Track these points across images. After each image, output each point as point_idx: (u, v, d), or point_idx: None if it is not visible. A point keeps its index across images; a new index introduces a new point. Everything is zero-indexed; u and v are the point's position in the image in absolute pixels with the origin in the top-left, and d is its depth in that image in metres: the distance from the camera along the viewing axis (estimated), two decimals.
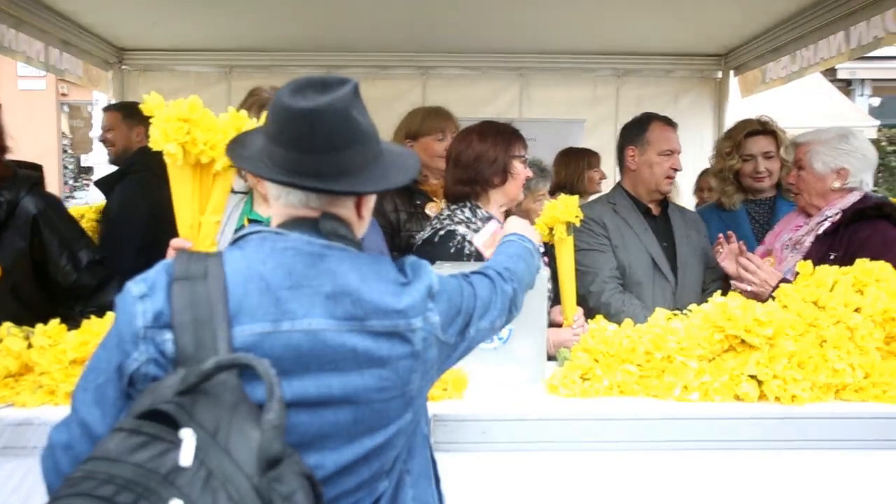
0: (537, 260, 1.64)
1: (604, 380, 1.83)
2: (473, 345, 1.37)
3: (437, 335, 1.23)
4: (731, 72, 5.12)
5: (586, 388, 1.83)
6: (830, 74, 12.14)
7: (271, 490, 0.94)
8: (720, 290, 2.11)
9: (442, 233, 2.26)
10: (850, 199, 2.45)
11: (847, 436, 1.73)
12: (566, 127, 5.02)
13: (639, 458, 1.73)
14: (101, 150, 3.84)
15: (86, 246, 2.38)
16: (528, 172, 2.36)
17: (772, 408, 1.76)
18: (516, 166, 2.32)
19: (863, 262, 1.93)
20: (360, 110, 1.19)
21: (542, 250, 2.44)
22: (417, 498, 1.31)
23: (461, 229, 2.25)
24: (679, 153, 2.75)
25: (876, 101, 14.97)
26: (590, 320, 2.04)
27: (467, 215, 2.30)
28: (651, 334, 1.85)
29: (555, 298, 2.31)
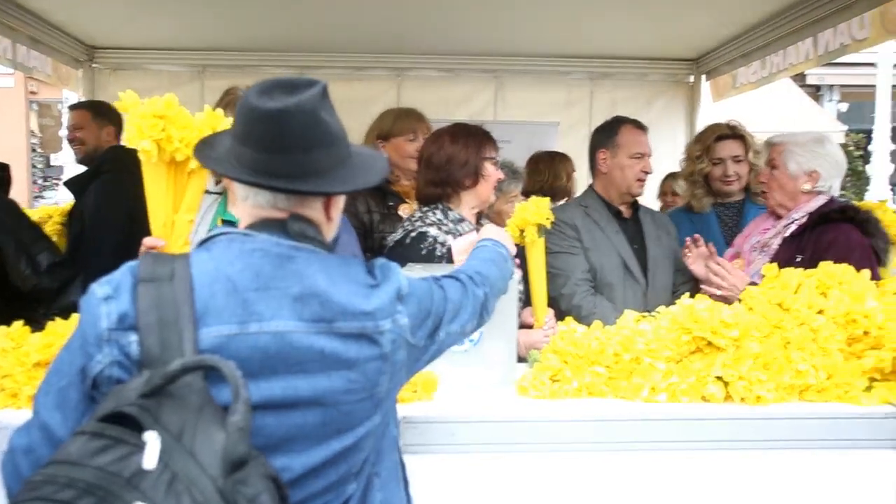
0: (511, 266, 1.65)
1: (573, 381, 1.85)
2: (444, 348, 1.37)
3: (405, 337, 1.23)
4: (703, 76, 5.19)
5: (555, 389, 1.84)
6: (800, 80, 12.35)
7: (236, 492, 0.93)
8: (690, 292, 2.14)
9: (413, 234, 2.26)
10: (817, 203, 2.50)
11: (810, 435, 1.76)
12: (540, 129, 5.05)
13: (607, 459, 1.74)
14: (70, 149, 3.77)
15: (45, 248, 2.35)
16: (499, 174, 2.37)
17: (737, 408, 1.79)
18: (488, 168, 2.33)
19: (826, 265, 1.96)
20: (329, 111, 1.19)
21: (513, 252, 2.46)
22: (386, 501, 1.31)
23: (433, 231, 2.25)
24: (650, 156, 2.78)
25: (844, 106, 15.26)
26: (560, 322, 2.05)
27: (439, 217, 2.30)
28: (620, 336, 1.87)
29: (526, 300, 2.33)
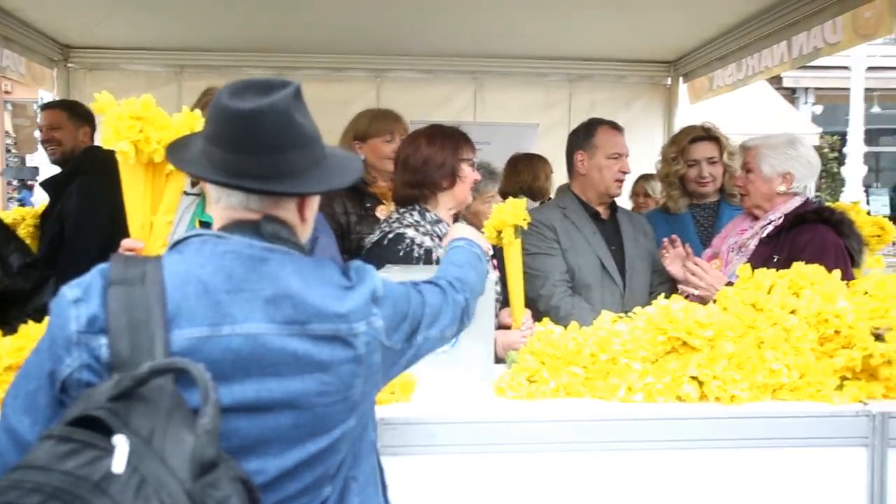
0: (486, 265, 1.65)
1: (550, 382, 1.86)
2: (422, 353, 1.36)
3: (381, 340, 1.23)
4: (681, 78, 5.25)
5: (533, 390, 1.85)
6: (776, 82, 12.50)
7: (205, 495, 0.93)
8: (666, 293, 2.16)
9: (391, 236, 2.26)
10: (793, 204, 2.53)
11: (783, 434, 1.79)
12: (520, 130, 5.08)
13: (584, 459, 1.75)
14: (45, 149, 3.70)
15: (17, 250, 2.32)
16: (476, 175, 2.38)
17: (712, 408, 1.81)
18: (464, 169, 2.33)
19: (799, 266, 1.99)
20: (303, 112, 1.18)
21: (490, 253, 2.46)
22: None
23: (410, 232, 2.25)
24: (627, 156, 2.80)
25: (819, 108, 15.47)
26: (537, 323, 2.06)
27: (416, 218, 2.30)
28: (596, 337, 1.88)
29: (504, 301, 2.34)
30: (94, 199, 3.21)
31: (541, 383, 1.86)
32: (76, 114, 3.52)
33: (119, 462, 0.91)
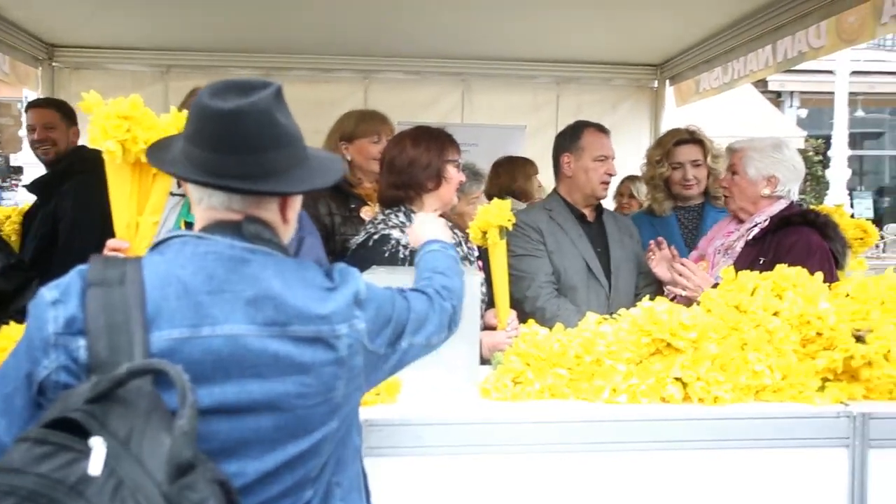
0: (461, 267, 1.64)
1: (535, 383, 1.86)
2: (408, 359, 1.35)
3: (363, 343, 1.22)
4: (667, 81, 5.28)
5: (518, 391, 1.86)
6: (762, 86, 12.59)
7: (182, 498, 0.92)
8: (652, 295, 2.17)
9: (376, 237, 2.26)
10: (778, 207, 2.55)
11: (766, 435, 1.80)
12: (507, 132, 5.09)
13: (569, 460, 1.76)
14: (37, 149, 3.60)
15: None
16: (461, 177, 2.38)
17: (696, 409, 1.82)
18: (450, 171, 2.33)
19: (781, 268, 2.01)
20: (284, 113, 1.18)
21: (476, 255, 2.47)
22: None
23: (395, 233, 2.25)
24: (613, 158, 2.82)
25: (803, 112, 15.59)
26: (523, 324, 2.07)
27: (401, 219, 2.30)
28: (581, 338, 1.89)
29: (489, 302, 2.34)
30: (90, 200, 3.16)
31: (526, 385, 1.87)
32: (66, 113, 3.47)
33: (95, 464, 0.90)
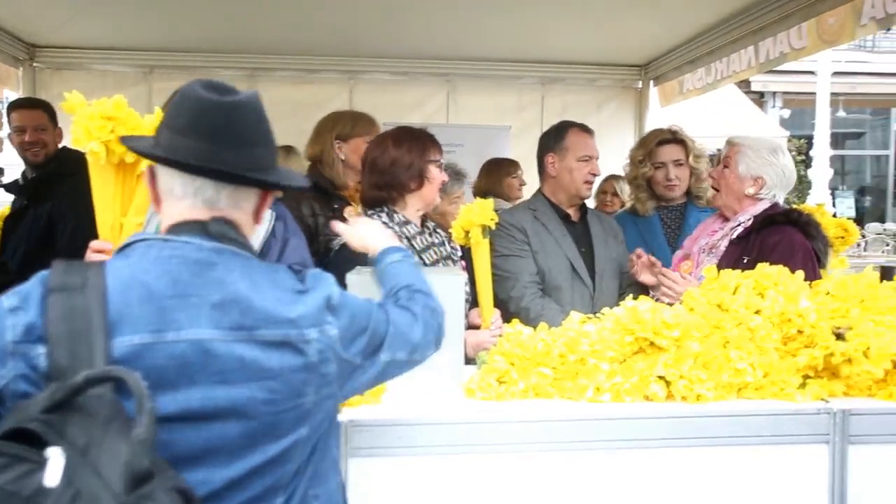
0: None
1: (519, 383, 1.87)
2: (390, 374, 1.33)
3: (336, 350, 1.19)
4: (651, 82, 5.32)
5: (502, 391, 1.86)
6: (745, 86, 12.69)
7: None
8: (635, 294, 2.19)
9: None
10: (761, 207, 2.57)
11: (748, 432, 1.81)
12: (492, 133, 5.11)
13: (553, 459, 1.76)
14: (11, 150, 3.56)
15: None
16: (443, 177, 2.38)
17: (679, 407, 1.83)
18: (432, 171, 2.34)
19: (763, 267, 2.03)
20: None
21: (459, 254, 2.48)
22: None
23: None
24: (597, 158, 2.83)
25: (786, 112, 15.73)
26: (507, 324, 2.07)
27: (384, 220, 2.30)
28: (565, 337, 1.90)
29: (472, 301, 2.35)
30: (86, 201, 3.14)
31: (510, 384, 1.87)
32: (52, 114, 3.42)
33: (52, 475, 0.88)
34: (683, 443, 1.81)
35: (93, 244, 1.61)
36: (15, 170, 3.57)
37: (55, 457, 0.90)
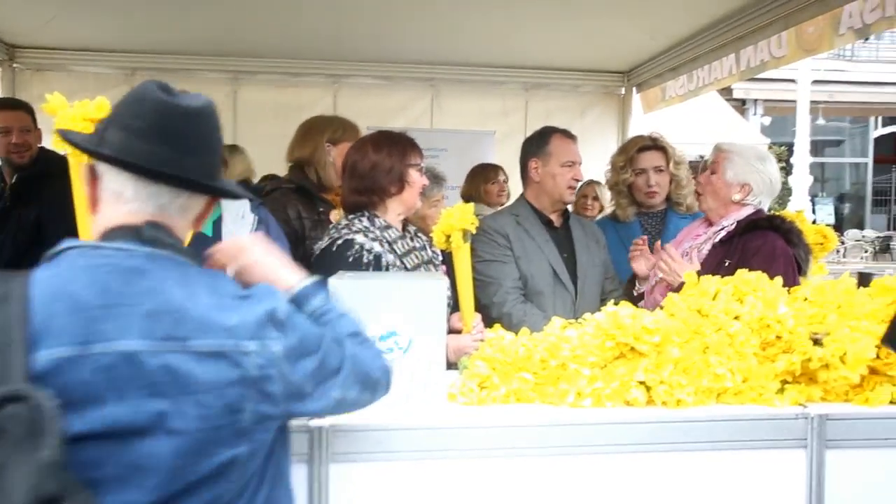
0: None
1: (501, 388, 1.87)
2: (341, 409, 1.25)
3: (281, 369, 1.12)
4: (634, 88, 5.36)
5: (484, 396, 1.86)
6: (727, 94, 12.84)
7: None
8: (616, 300, 2.20)
9: (340, 242, 2.24)
10: (746, 212, 2.60)
11: (727, 436, 1.82)
12: (476, 138, 5.13)
13: (534, 464, 1.76)
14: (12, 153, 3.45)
15: None
16: (424, 181, 2.38)
17: (659, 412, 1.84)
18: (412, 175, 2.34)
19: (742, 273, 2.05)
20: None
21: (440, 259, 2.48)
22: None
23: (359, 238, 2.24)
24: (580, 164, 2.85)
25: (767, 120, 15.92)
26: (489, 329, 2.08)
27: (365, 224, 2.30)
28: (546, 343, 1.90)
29: (454, 305, 2.35)
30: (72, 202, 3.10)
31: (491, 389, 1.87)
32: (33, 115, 3.38)
33: None
34: (664, 448, 1.82)
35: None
36: None
37: None
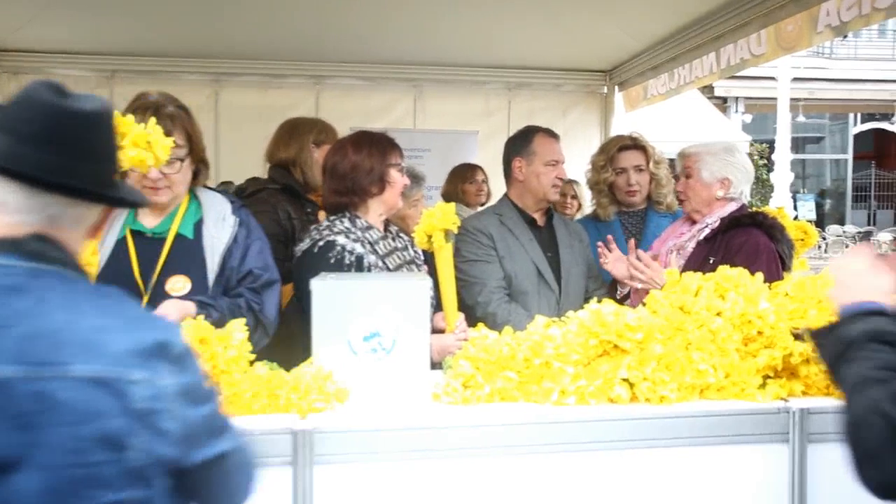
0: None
1: (485, 387, 1.87)
2: (222, 462, 1.12)
3: (175, 406, 1.02)
4: (616, 87, 5.38)
5: (468, 395, 1.86)
6: (708, 92, 12.94)
7: None
8: (600, 298, 2.20)
9: (321, 243, 2.24)
10: (729, 209, 2.63)
11: (710, 432, 1.84)
12: (460, 138, 5.13)
13: (519, 463, 1.77)
14: None
15: None
16: (405, 180, 2.38)
17: (643, 409, 1.85)
18: (393, 175, 2.34)
19: (724, 269, 2.06)
20: None
21: (422, 259, 2.47)
22: None
23: (341, 239, 2.24)
24: (563, 163, 2.86)
25: (748, 117, 16.06)
26: (473, 329, 2.07)
27: (346, 225, 2.29)
28: (530, 341, 1.91)
29: (437, 305, 2.35)
30: None
31: (476, 388, 1.87)
32: None
33: None
34: (647, 444, 1.83)
35: None
36: None
37: None
